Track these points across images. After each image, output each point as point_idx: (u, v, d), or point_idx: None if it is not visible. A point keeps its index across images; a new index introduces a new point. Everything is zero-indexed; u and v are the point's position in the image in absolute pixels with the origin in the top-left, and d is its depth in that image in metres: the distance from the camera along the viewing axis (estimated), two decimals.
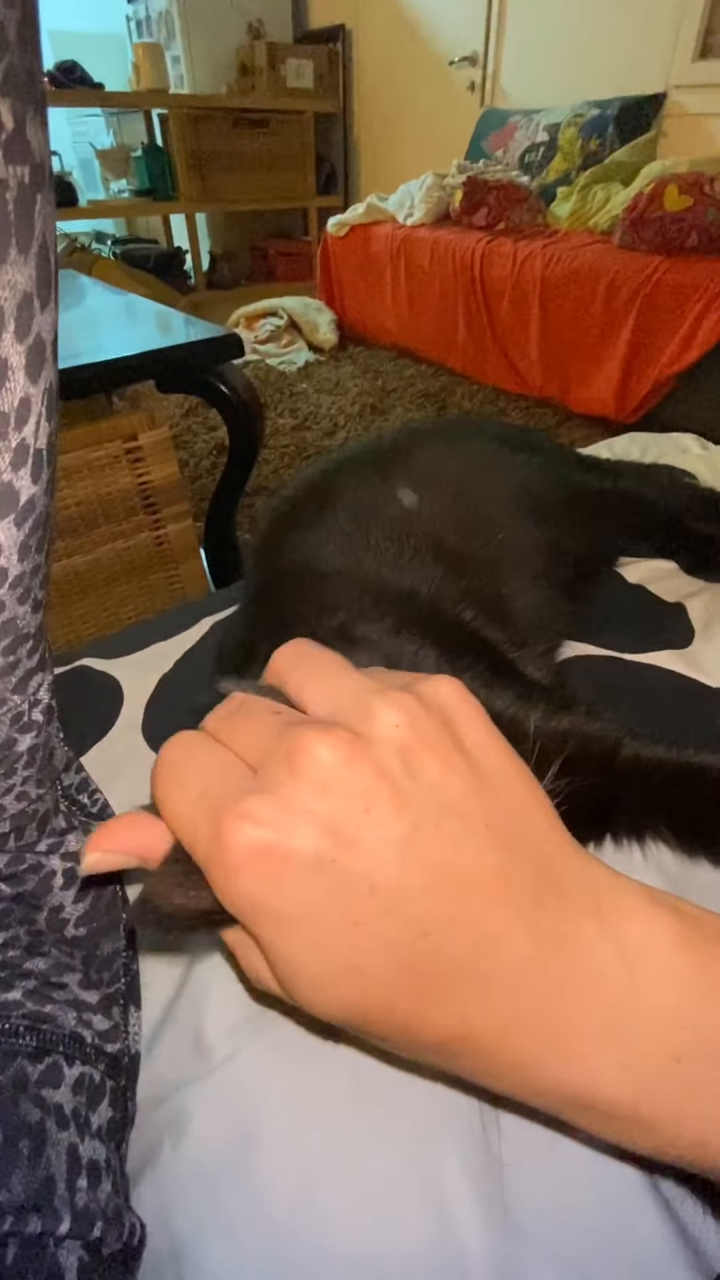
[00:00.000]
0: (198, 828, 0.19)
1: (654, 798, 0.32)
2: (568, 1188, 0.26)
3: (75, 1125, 0.26)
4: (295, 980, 0.19)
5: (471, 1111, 0.28)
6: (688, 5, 2.26)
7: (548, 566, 0.33)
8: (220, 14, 3.42)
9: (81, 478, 0.88)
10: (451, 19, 2.99)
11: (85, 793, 0.40)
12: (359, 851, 0.18)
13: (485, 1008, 0.18)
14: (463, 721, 0.21)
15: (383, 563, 0.38)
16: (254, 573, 0.45)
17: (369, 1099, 0.29)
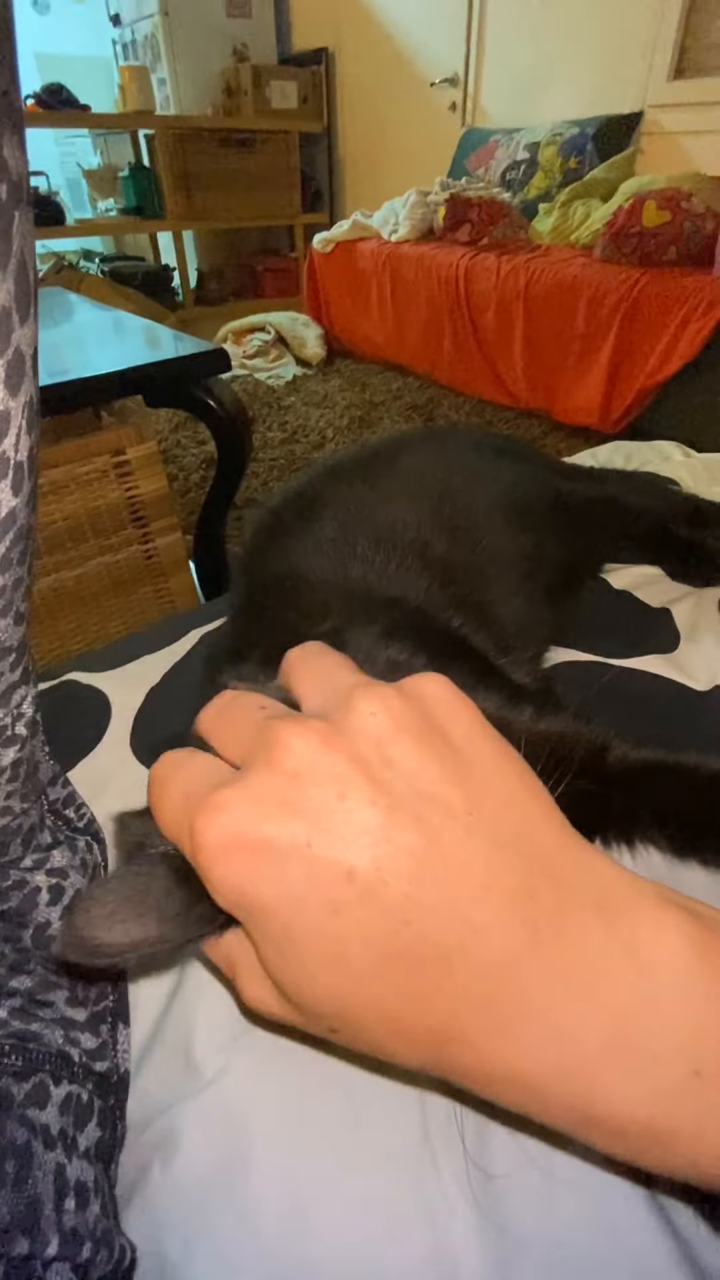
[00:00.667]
0: (181, 828, 0.20)
1: (643, 800, 0.32)
2: (563, 1202, 0.26)
3: (62, 1145, 0.26)
4: (283, 971, 0.19)
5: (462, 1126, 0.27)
6: (662, 27, 2.32)
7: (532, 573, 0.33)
8: (205, 38, 3.48)
9: (69, 492, 0.88)
10: (432, 42, 3.06)
11: (72, 807, 0.40)
12: (333, 837, 0.18)
13: (476, 1004, 0.17)
14: (449, 713, 0.21)
15: (369, 570, 0.38)
16: (240, 583, 0.45)
17: (361, 1115, 0.28)
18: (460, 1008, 0.18)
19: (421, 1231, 0.25)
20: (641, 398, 1.95)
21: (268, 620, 0.36)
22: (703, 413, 1.85)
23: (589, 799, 0.31)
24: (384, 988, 0.18)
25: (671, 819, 0.32)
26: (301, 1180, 0.27)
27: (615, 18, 2.42)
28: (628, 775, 0.32)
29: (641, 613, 0.54)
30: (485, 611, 0.39)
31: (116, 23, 3.67)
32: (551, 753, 0.26)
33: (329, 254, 2.89)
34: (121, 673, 0.50)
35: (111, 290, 3.03)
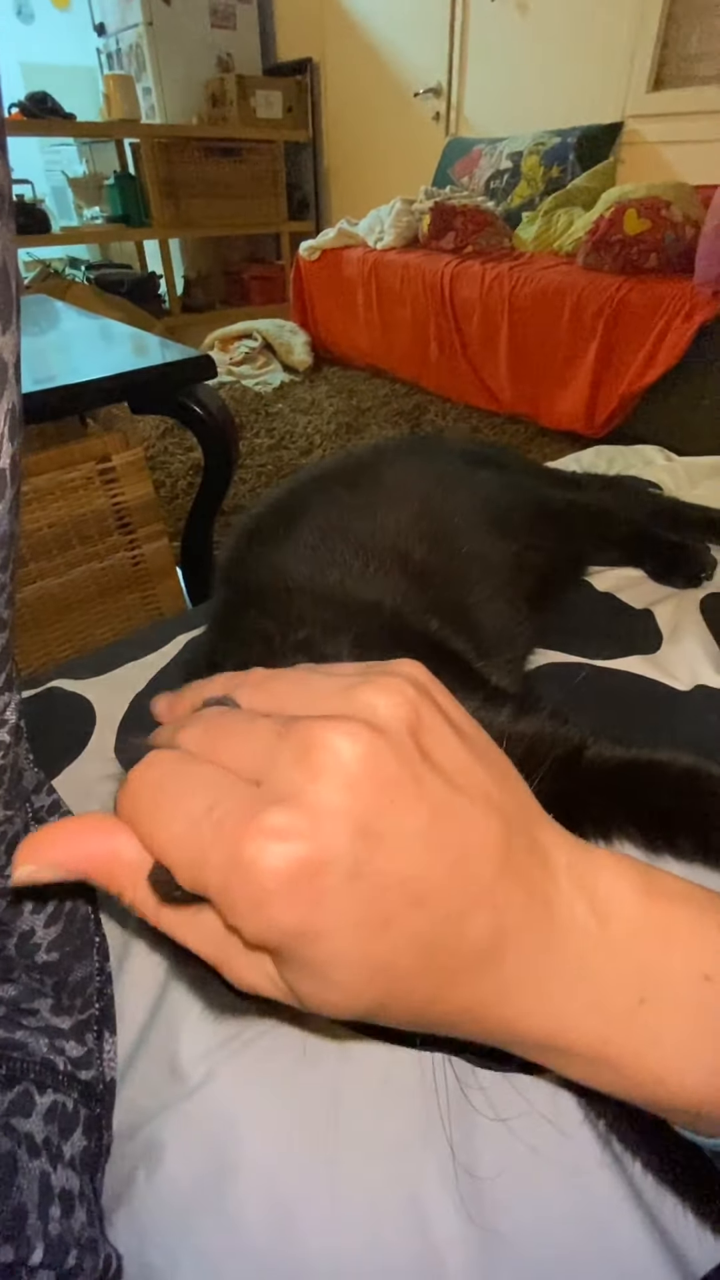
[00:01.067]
0: (206, 854, 0.17)
1: (618, 797, 0.32)
2: (547, 1199, 0.26)
3: (47, 1154, 0.26)
4: (317, 991, 0.18)
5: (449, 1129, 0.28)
6: (641, 40, 2.36)
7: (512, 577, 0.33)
8: (190, 48, 3.50)
9: (54, 499, 0.88)
10: (415, 53, 3.09)
11: (56, 815, 0.40)
12: (389, 848, 0.17)
13: (494, 979, 0.18)
14: (440, 697, 0.21)
15: (348, 576, 0.39)
16: (221, 590, 0.46)
17: (347, 1118, 0.28)
18: (483, 987, 0.18)
19: (408, 1233, 0.26)
20: (625, 403, 1.97)
21: (245, 629, 0.36)
22: (684, 417, 1.88)
23: (566, 797, 0.32)
24: (420, 981, 0.18)
25: (644, 815, 0.33)
26: (287, 1185, 0.27)
27: (595, 30, 2.46)
28: (603, 773, 0.33)
29: (624, 614, 0.55)
30: (465, 616, 0.39)
31: (101, 32, 3.68)
32: (528, 751, 0.27)
33: (315, 261, 2.91)
34: (106, 680, 0.50)
35: (98, 298, 3.03)
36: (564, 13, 2.53)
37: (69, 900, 0.35)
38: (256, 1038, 0.31)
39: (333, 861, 0.16)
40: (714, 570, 0.59)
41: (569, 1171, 0.26)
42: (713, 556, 0.60)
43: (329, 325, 2.97)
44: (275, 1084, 0.29)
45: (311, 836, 0.16)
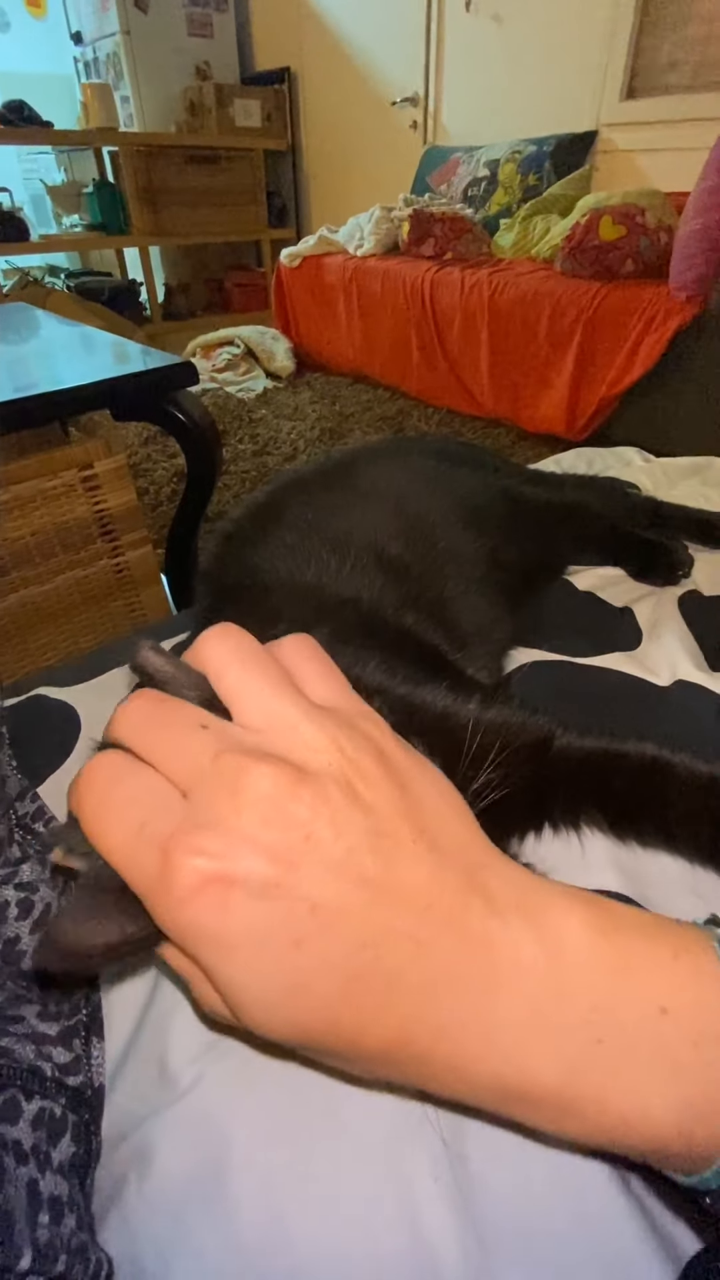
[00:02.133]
0: (141, 861, 0.19)
1: (585, 785, 0.33)
2: (537, 1191, 0.26)
3: (35, 1161, 0.25)
4: (241, 1003, 0.19)
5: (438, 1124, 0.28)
6: (613, 50, 2.41)
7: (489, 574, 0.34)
8: (167, 57, 3.51)
9: (36, 507, 0.88)
10: (392, 62, 3.12)
11: (40, 822, 0.40)
12: (300, 876, 0.18)
13: (422, 1013, 0.19)
14: (385, 742, 0.22)
15: (324, 573, 0.39)
16: (202, 593, 0.46)
17: (339, 1116, 0.28)
18: (407, 1018, 0.19)
19: (401, 1230, 0.26)
20: (605, 406, 2.00)
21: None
22: (662, 419, 1.91)
23: (536, 786, 0.32)
24: (341, 1008, 0.19)
25: (610, 802, 0.33)
26: (279, 1185, 0.27)
27: (568, 40, 2.50)
28: (571, 763, 0.33)
29: (605, 613, 0.56)
30: (441, 609, 0.40)
31: (78, 41, 3.68)
32: (497, 739, 0.27)
33: (296, 268, 2.92)
34: (90, 686, 0.50)
35: (78, 306, 3.02)
36: (538, 23, 2.57)
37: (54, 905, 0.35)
38: (246, 1038, 0.31)
39: (243, 880, 0.18)
40: (692, 568, 0.60)
41: (558, 1162, 0.26)
42: (690, 555, 0.61)
43: (311, 332, 2.98)
44: (266, 1084, 0.29)
45: (225, 857, 0.18)
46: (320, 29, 3.36)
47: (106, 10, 3.37)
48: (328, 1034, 0.20)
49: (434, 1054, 0.19)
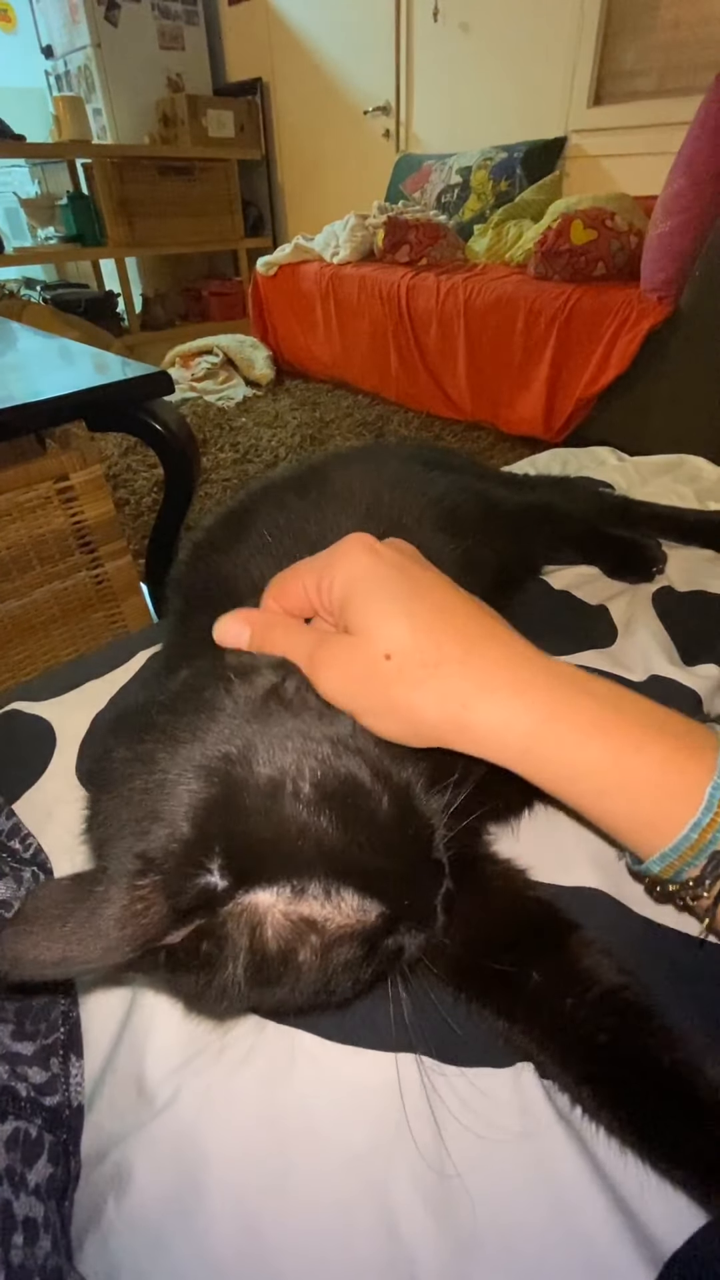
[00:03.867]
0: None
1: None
2: (513, 1194, 0.26)
3: (9, 1182, 0.25)
4: (371, 622, 0.29)
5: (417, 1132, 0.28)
6: (579, 58, 2.44)
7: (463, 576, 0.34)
8: (139, 69, 3.51)
9: (11, 520, 0.87)
10: (363, 72, 3.15)
11: (17, 838, 0.39)
12: (400, 573, 0.31)
13: (469, 674, 0.28)
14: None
15: None
16: (175, 601, 0.46)
17: (317, 1128, 0.28)
18: (460, 670, 0.28)
19: (378, 1237, 0.25)
20: (581, 407, 2.01)
21: (196, 634, 0.37)
22: (638, 418, 1.93)
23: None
24: (435, 638, 0.29)
25: None
26: (256, 1200, 0.27)
27: (536, 49, 2.53)
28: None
29: (580, 611, 0.56)
30: None
31: (49, 54, 3.68)
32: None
33: (273, 277, 2.93)
34: (66, 700, 0.49)
35: (55, 318, 3.01)
36: (505, 32, 2.60)
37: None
38: (223, 1052, 0.30)
39: (373, 562, 0.31)
40: (665, 564, 0.61)
41: (534, 1162, 0.26)
42: (663, 551, 0.61)
43: (289, 339, 2.99)
44: (242, 1097, 0.29)
45: (347, 557, 0.31)
46: (291, 40, 3.38)
47: (77, 23, 3.37)
48: (413, 661, 0.28)
49: (471, 708, 0.28)
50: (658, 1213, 0.25)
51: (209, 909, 0.25)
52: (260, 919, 0.26)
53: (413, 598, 0.30)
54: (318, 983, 0.26)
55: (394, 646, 0.28)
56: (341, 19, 3.12)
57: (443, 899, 0.28)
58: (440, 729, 0.28)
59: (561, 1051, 0.29)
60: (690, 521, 0.65)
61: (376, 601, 0.30)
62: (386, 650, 0.28)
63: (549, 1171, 0.26)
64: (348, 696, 0.29)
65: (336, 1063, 0.29)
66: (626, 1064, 0.28)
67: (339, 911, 0.26)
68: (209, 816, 0.25)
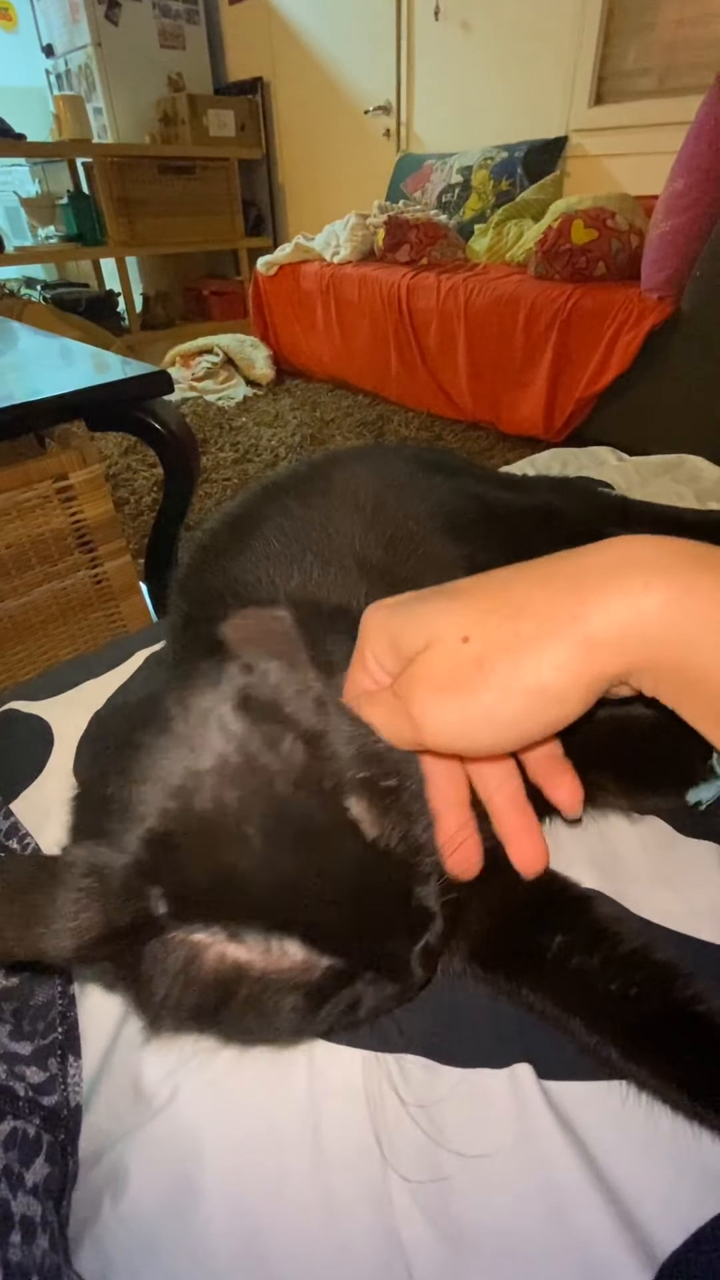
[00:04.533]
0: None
1: (597, 755, 0.34)
2: (510, 1191, 0.26)
3: (7, 1181, 0.25)
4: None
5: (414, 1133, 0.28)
6: (580, 57, 2.44)
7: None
8: (139, 68, 3.51)
9: (10, 519, 0.87)
10: (363, 72, 3.15)
11: (15, 837, 0.39)
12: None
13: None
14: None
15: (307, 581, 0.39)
16: (178, 604, 0.46)
17: (313, 1129, 0.28)
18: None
19: (374, 1238, 0.25)
20: (582, 407, 2.01)
21: (202, 638, 0.37)
22: (639, 418, 1.93)
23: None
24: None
25: (624, 768, 0.36)
26: (252, 1201, 0.27)
27: (536, 48, 2.53)
28: (579, 734, 0.35)
29: None
30: None
31: (49, 53, 3.68)
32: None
33: (273, 276, 2.93)
34: (63, 699, 0.49)
35: (55, 317, 3.01)
36: (506, 32, 2.60)
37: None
38: (221, 1051, 0.30)
39: (392, 603, 0.30)
40: None
41: (531, 1163, 0.26)
42: None
43: (290, 339, 2.99)
44: (239, 1098, 0.29)
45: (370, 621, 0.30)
46: (292, 39, 3.38)
47: (77, 23, 3.37)
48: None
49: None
50: (654, 1214, 0.25)
51: (151, 930, 0.25)
52: (196, 954, 0.25)
53: (441, 594, 0.28)
54: (259, 1023, 0.26)
55: (462, 624, 0.25)
56: (342, 18, 3.12)
57: (421, 953, 0.26)
58: (566, 668, 0.23)
59: (593, 1009, 0.29)
60: (689, 521, 0.65)
61: (417, 617, 0.27)
62: (460, 634, 0.25)
63: (545, 1172, 0.26)
64: (445, 711, 0.25)
65: (333, 1063, 0.29)
66: (660, 1016, 0.28)
67: (278, 961, 0.25)
68: (155, 847, 0.25)
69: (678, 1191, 0.25)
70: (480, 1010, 0.31)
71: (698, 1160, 0.26)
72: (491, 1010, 0.31)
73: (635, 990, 0.28)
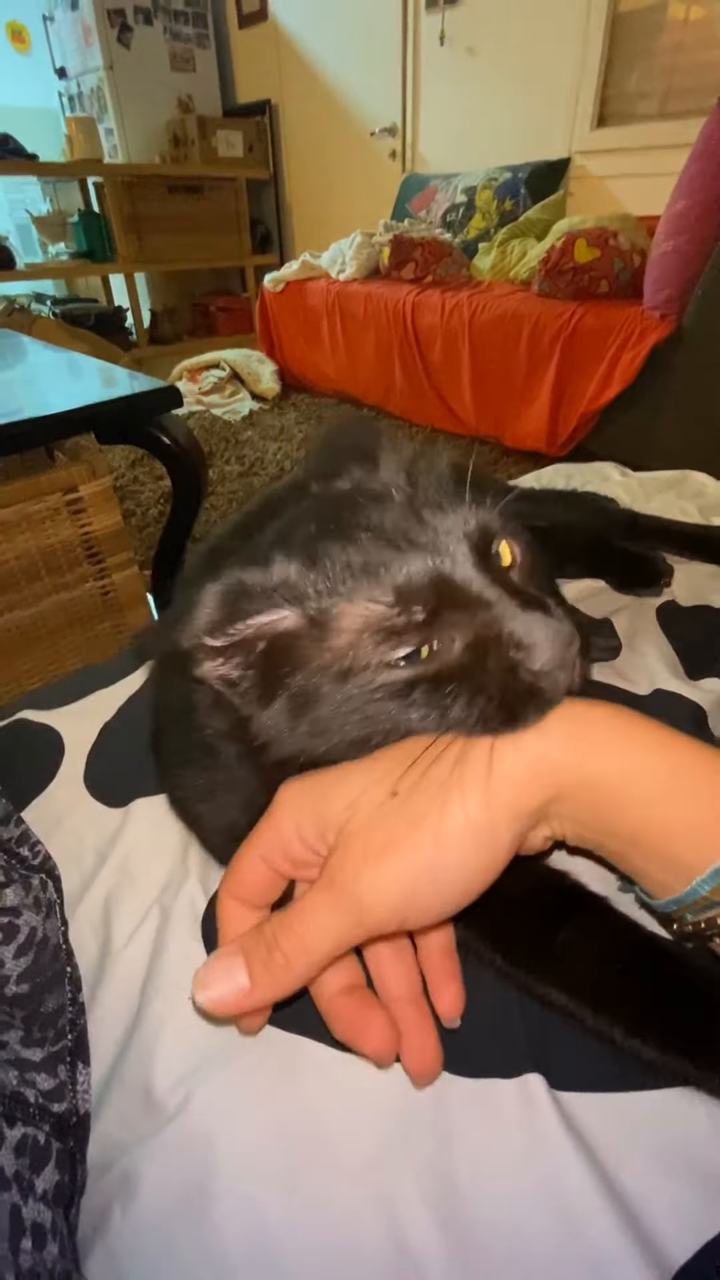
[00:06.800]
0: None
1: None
2: (521, 1200, 0.26)
3: (18, 1187, 0.25)
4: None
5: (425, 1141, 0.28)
6: (584, 81, 2.49)
7: None
8: (150, 90, 3.59)
9: (20, 531, 0.88)
10: (370, 94, 3.21)
11: (26, 845, 0.40)
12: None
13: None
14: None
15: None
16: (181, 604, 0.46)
17: (325, 1137, 0.28)
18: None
19: (386, 1247, 0.25)
20: (585, 423, 2.03)
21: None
22: (641, 434, 1.94)
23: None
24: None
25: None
26: (264, 1208, 0.27)
27: (540, 72, 2.58)
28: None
29: (585, 623, 0.56)
30: None
31: (62, 75, 3.76)
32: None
33: (280, 293, 2.97)
34: (74, 709, 0.50)
35: (64, 332, 3.05)
36: (510, 55, 2.65)
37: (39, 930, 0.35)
38: (232, 1059, 0.30)
39: (310, 776, 0.29)
40: (672, 577, 0.61)
41: (542, 1173, 0.26)
42: (670, 565, 0.62)
43: (295, 354, 3.02)
44: (251, 1105, 0.29)
45: (283, 798, 0.29)
46: (299, 63, 3.45)
47: (90, 46, 3.45)
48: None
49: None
50: (665, 1225, 0.25)
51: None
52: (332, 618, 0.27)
53: (358, 763, 0.28)
54: (359, 701, 0.27)
55: (385, 780, 0.26)
56: (349, 43, 3.19)
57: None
58: (490, 804, 0.25)
59: (600, 992, 0.29)
60: (696, 537, 0.66)
61: (338, 783, 0.27)
62: (385, 789, 0.26)
63: (556, 1182, 0.26)
64: (385, 879, 0.25)
65: (344, 1072, 0.29)
66: (681, 1003, 0.28)
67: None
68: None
69: (688, 1203, 0.25)
70: (491, 1020, 0.31)
71: (709, 1171, 0.26)
72: (502, 1020, 0.31)
73: (651, 978, 0.29)
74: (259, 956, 0.26)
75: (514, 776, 0.25)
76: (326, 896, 0.25)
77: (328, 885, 0.26)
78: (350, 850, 0.26)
